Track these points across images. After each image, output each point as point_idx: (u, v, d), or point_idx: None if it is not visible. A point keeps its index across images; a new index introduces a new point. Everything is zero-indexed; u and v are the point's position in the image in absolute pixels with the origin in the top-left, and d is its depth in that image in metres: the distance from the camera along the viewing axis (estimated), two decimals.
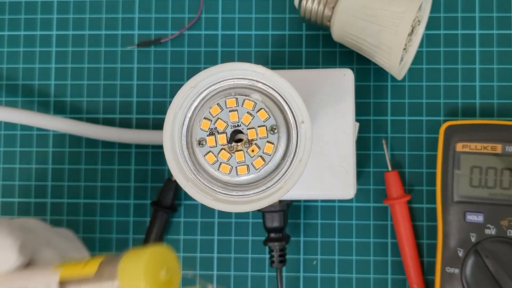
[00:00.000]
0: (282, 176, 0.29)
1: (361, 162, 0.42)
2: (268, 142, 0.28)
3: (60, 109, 0.45)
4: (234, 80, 0.29)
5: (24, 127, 0.45)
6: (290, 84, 0.29)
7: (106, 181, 0.44)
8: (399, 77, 0.41)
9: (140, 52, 0.45)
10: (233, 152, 0.28)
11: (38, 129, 0.45)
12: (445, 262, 0.39)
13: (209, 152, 0.28)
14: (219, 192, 0.29)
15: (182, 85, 0.30)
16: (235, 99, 0.28)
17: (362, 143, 0.42)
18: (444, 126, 0.40)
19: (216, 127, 0.28)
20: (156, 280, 0.28)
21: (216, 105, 0.28)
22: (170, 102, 0.29)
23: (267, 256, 0.42)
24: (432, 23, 0.43)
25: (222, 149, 0.28)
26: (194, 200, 0.29)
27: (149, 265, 0.27)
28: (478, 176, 0.39)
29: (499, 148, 0.39)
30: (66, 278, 0.29)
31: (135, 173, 0.44)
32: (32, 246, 0.32)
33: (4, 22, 0.45)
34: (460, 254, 0.38)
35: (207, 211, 0.43)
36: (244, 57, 0.44)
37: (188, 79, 0.30)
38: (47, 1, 0.45)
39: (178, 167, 0.29)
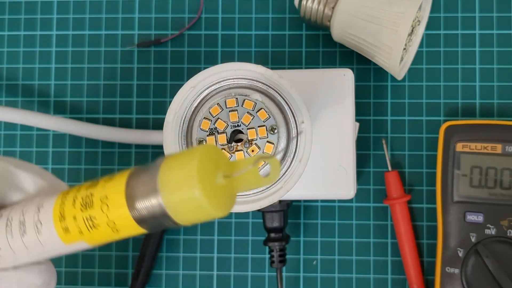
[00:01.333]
0: (282, 176, 0.29)
1: (361, 162, 0.42)
2: (268, 142, 0.28)
3: (60, 109, 0.45)
4: (234, 80, 0.29)
5: (24, 127, 0.45)
6: (290, 84, 0.29)
7: None
8: (399, 77, 0.41)
9: (140, 52, 0.45)
10: (233, 152, 0.28)
11: (38, 129, 0.45)
12: (445, 262, 0.39)
13: None
14: None
15: (182, 85, 0.30)
16: (235, 99, 0.29)
17: (362, 143, 0.42)
18: (444, 126, 0.40)
19: (216, 127, 0.29)
20: (213, 187, 0.21)
21: (216, 105, 0.29)
22: (170, 102, 0.29)
23: (267, 256, 0.42)
24: (432, 23, 0.43)
25: (222, 149, 0.28)
26: None
27: (202, 170, 0.21)
28: (478, 176, 0.39)
29: (499, 148, 0.39)
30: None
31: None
32: None
33: (4, 22, 0.45)
34: (460, 254, 0.38)
35: None
36: (244, 57, 0.44)
37: (188, 79, 0.30)
38: (47, 1, 0.45)
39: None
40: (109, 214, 0.22)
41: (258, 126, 0.28)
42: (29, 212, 0.25)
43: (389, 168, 0.41)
